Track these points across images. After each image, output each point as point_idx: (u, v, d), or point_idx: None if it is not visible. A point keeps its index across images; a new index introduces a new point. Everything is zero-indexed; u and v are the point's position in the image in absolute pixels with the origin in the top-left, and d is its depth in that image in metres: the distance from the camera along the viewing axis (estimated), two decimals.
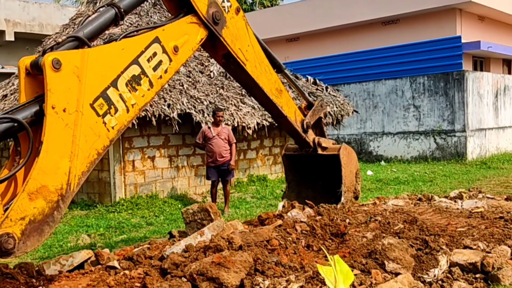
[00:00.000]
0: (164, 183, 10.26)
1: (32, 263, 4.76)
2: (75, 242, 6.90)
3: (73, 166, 3.20)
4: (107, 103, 3.40)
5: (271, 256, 4.50)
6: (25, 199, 2.96)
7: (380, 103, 17.34)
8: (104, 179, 9.69)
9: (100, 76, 3.37)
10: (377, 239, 4.96)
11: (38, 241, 3.08)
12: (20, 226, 2.95)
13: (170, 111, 9.34)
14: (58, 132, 3.11)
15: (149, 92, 3.69)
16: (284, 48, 23.41)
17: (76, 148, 3.21)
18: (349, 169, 6.15)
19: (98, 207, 9.33)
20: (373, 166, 15.62)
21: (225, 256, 4.04)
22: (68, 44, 3.37)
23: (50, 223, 3.12)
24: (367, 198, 9.42)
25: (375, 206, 7.48)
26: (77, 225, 7.99)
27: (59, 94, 3.12)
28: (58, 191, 3.13)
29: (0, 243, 2.84)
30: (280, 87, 5.28)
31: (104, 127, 3.38)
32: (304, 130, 5.88)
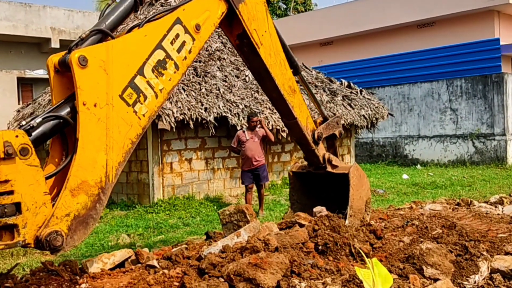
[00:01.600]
0: (200, 185, 10.43)
1: (76, 261, 4.90)
2: (115, 241, 7.09)
3: (110, 158, 3.26)
4: (136, 91, 3.42)
5: (307, 258, 4.52)
6: (68, 196, 3.06)
7: (416, 106, 17.09)
8: (143, 180, 9.93)
9: (126, 66, 3.38)
10: (415, 243, 4.92)
11: (84, 234, 3.19)
12: (66, 222, 3.06)
13: (206, 115, 9.50)
14: (91, 127, 3.17)
15: (176, 74, 3.68)
16: (318, 52, 23.37)
17: (110, 140, 3.26)
18: (358, 193, 5.50)
19: (137, 208, 9.57)
20: (408, 170, 15.41)
21: (262, 257, 4.08)
22: (92, 38, 3.38)
23: (93, 215, 3.22)
24: (403, 202, 9.33)
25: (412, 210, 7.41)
26: (117, 225, 8.21)
27: (88, 90, 3.16)
28: (98, 184, 3.21)
29: (49, 241, 2.95)
30: (294, 87, 5.04)
31: (136, 116, 3.42)
32: (315, 141, 5.40)
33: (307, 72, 13.62)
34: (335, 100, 12.62)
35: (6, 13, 20.33)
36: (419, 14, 19.70)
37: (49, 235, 2.96)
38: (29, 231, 2.91)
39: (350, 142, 13.89)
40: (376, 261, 3.17)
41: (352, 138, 13.99)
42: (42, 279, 4.45)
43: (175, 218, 8.68)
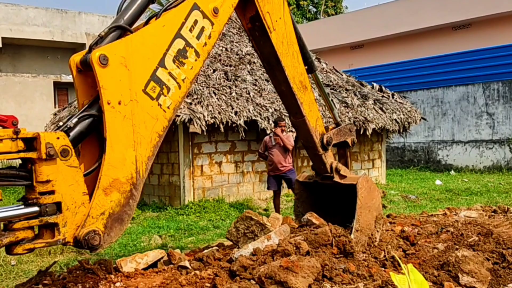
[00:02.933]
0: (230, 188, 10.48)
1: (110, 260, 4.99)
2: (147, 242, 7.20)
3: (139, 154, 3.29)
4: (159, 84, 3.38)
5: (339, 262, 4.49)
6: (101, 195, 3.10)
7: (450, 110, 16.75)
8: (174, 183, 10.05)
9: (147, 59, 3.34)
10: (450, 251, 4.82)
11: (120, 230, 3.24)
12: (102, 221, 3.12)
13: (237, 118, 9.56)
14: (118, 125, 3.16)
15: (197, 62, 3.62)
16: (349, 55, 23.21)
17: (137, 136, 3.27)
18: (367, 206, 5.00)
19: (168, 209, 9.69)
20: (441, 176, 15.12)
21: (293, 260, 4.08)
22: (111, 35, 3.34)
23: (127, 211, 3.27)
24: (436, 208, 9.16)
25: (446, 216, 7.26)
26: (149, 226, 8.33)
27: (111, 89, 3.14)
28: (129, 180, 3.25)
29: (87, 240, 3.02)
30: (306, 83, 4.74)
31: (160, 109, 3.39)
32: (323, 146, 5.02)
33: (337, 75, 13.54)
34: (366, 104, 12.50)
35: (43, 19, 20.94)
36: (454, 15, 19.35)
37: (87, 234, 3.02)
38: (69, 230, 2.99)
39: (381, 147, 13.73)
40: (411, 267, 3.13)
41: (383, 143, 13.83)
42: (78, 277, 4.56)
43: (205, 220, 8.75)
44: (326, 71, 13.44)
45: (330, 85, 12.62)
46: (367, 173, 13.28)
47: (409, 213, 8.39)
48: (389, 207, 9.84)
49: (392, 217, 7.27)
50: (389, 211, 8.96)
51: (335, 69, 13.91)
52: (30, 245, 2.91)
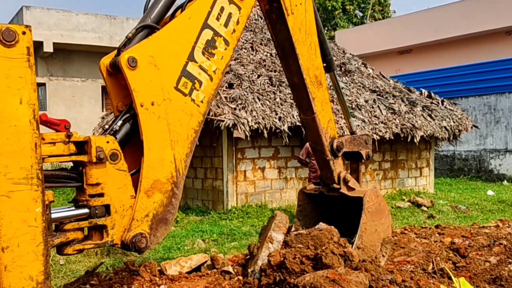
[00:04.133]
0: (273, 194, 10.46)
1: (155, 263, 5.08)
2: (191, 245, 7.27)
3: (177, 152, 3.26)
4: (190, 79, 3.32)
5: (386, 273, 4.39)
6: (144, 198, 3.12)
7: (503, 118, 16.10)
8: (217, 187, 10.13)
9: (176, 55, 3.26)
10: (502, 264, 4.62)
11: (165, 230, 3.26)
12: (147, 223, 3.15)
13: (280, 124, 9.54)
14: (153, 126, 3.15)
15: (227, 51, 3.51)
16: (396, 60, 22.78)
17: (174, 134, 3.24)
18: (373, 224, 4.55)
19: (211, 214, 9.77)
20: (494, 186, 14.54)
21: (340, 273, 3.99)
22: (139, 35, 3.30)
23: (171, 211, 3.27)
24: (488, 220, 8.82)
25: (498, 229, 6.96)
26: (192, 230, 8.42)
27: (143, 91, 3.11)
28: (170, 180, 3.24)
29: (135, 243, 3.08)
30: (321, 79, 4.44)
31: (194, 104, 3.34)
32: (333, 151, 4.61)
33: (384, 81, 13.30)
34: (414, 111, 12.21)
35: (93, 25, 21.61)
36: (508, 20, 18.63)
37: (134, 237, 3.07)
38: (117, 232, 3.06)
39: (430, 155, 13.36)
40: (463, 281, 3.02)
41: (432, 151, 13.45)
42: (124, 278, 4.66)
43: (248, 226, 8.76)
44: (373, 76, 13.23)
45: (376, 91, 12.41)
46: (414, 181, 12.95)
47: (459, 224, 8.12)
48: (437, 217, 9.57)
49: (441, 227, 7.06)
50: (438, 222, 8.68)
51: (382, 75, 13.67)
52: (79, 246, 3.00)
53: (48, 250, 2.61)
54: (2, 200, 2.43)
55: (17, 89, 2.47)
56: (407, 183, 12.74)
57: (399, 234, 6.59)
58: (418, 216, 9.79)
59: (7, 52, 2.44)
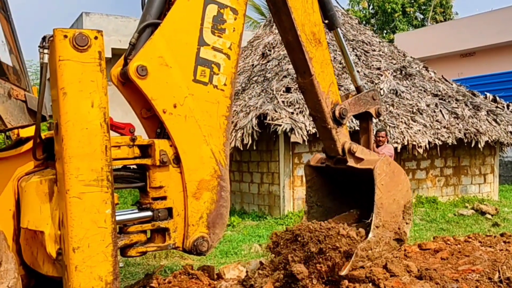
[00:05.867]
0: None
1: (213, 266, 5.13)
2: (248, 250, 7.31)
3: (213, 146, 3.14)
4: (207, 66, 3.10)
5: (451, 282, 4.26)
6: (193, 202, 3.06)
7: None
8: (274, 192, 10.14)
9: (185, 45, 3.04)
10: None
11: (223, 224, 3.22)
12: (203, 224, 3.11)
13: None
14: (182, 128, 3.01)
15: (237, 20, 3.23)
16: (458, 63, 21.97)
17: (205, 129, 3.10)
18: (390, 195, 4.08)
19: (267, 219, 9.78)
20: None
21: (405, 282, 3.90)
22: (143, 37, 3.05)
23: (223, 204, 3.21)
24: None
25: None
26: (249, 235, 8.46)
27: (161, 97, 2.95)
28: (214, 175, 3.15)
29: (197, 247, 3.08)
30: (320, 37, 3.91)
31: (218, 90, 3.15)
32: (335, 119, 4.03)
33: (447, 84, 12.87)
34: (478, 115, 11.72)
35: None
36: None
37: (195, 241, 3.07)
38: (179, 235, 3.06)
39: (494, 161, 12.77)
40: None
41: (497, 157, 12.85)
42: (183, 281, 4.72)
43: None
44: (435, 80, 12.83)
45: (438, 95, 12.02)
46: (477, 188, 12.42)
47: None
48: (502, 225, 9.13)
49: (507, 236, 6.78)
50: (503, 230, 8.29)
51: (444, 78, 13.23)
52: (142, 248, 3.02)
53: (117, 251, 2.66)
54: (73, 202, 2.49)
55: (89, 93, 2.52)
56: (470, 190, 12.24)
57: (463, 243, 6.37)
58: (482, 224, 9.39)
59: (80, 57, 2.49)
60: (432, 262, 5.34)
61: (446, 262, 5.30)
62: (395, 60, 12.66)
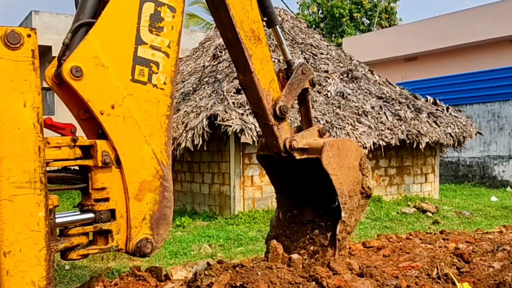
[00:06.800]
0: None
1: (161, 267, 5.08)
2: (197, 250, 7.32)
3: (154, 146, 3.10)
4: (145, 65, 3.04)
5: (391, 279, 4.43)
6: (135, 203, 3.02)
7: (507, 125, 16.15)
8: (224, 192, 10.20)
9: (122, 44, 2.97)
10: (506, 270, 4.65)
11: (167, 225, 3.17)
12: (146, 225, 3.06)
13: None
14: (121, 129, 2.96)
15: (176, 18, 3.19)
16: (402, 67, 22.82)
17: (146, 129, 3.06)
18: (345, 168, 4.14)
19: (218, 219, 9.82)
20: (497, 192, 14.54)
21: (346, 280, 4.03)
22: (77, 37, 2.96)
23: (167, 204, 3.16)
24: (491, 225, 8.84)
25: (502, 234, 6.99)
26: (199, 235, 8.46)
27: (98, 97, 2.88)
28: (156, 176, 3.10)
29: (140, 249, 3.04)
30: (259, 34, 3.92)
31: (158, 89, 3.10)
32: (276, 116, 4.05)
33: (390, 88, 13.36)
34: (419, 117, 12.25)
35: None
36: None
37: (138, 243, 3.03)
38: (122, 237, 3.00)
39: (435, 161, 13.38)
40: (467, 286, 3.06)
41: (437, 157, 13.47)
42: (129, 283, 4.64)
43: (255, 231, 8.81)
44: (379, 83, 13.29)
45: (383, 98, 12.46)
46: (419, 187, 12.96)
47: (463, 230, 8.13)
48: (442, 223, 9.60)
49: (446, 233, 7.08)
50: (443, 227, 8.72)
51: (388, 82, 13.73)
52: (84, 251, 2.95)
53: (51, 255, 2.58)
54: (4, 204, 2.40)
55: (21, 92, 2.44)
56: (412, 189, 12.77)
57: (405, 240, 6.63)
58: (423, 222, 9.82)
59: (11, 55, 2.40)
60: (374, 259, 5.52)
61: (388, 259, 5.48)
62: (342, 64, 13.00)
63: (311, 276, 4.04)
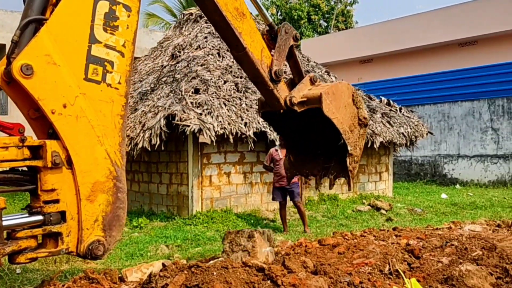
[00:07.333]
0: (238, 199, 10.55)
1: (116, 270, 5.00)
2: (154, 251, 7.25)
3: (108, 146, 3.04)
4: (99, 64, 2.99)
5: (344, 275, 4.53)
6: (87, 205, 2.95)
7: (456, 125, 16.81)
8: (182, 192, 10.14)
9: (75, 42, 2.91)
10: (454, 264, 4.84)
11: (120, 226, 3.12)
12: (99, 227, 3.00)
13: (246, 129, 9.64)
14: (73, 129, 2.89)
15: (131, 18, 3.14)
16: (358, 69, 23.32)
17: (99, 129, 3.00)
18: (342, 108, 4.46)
19: (176, 219, 9.74)
20: (447, 189, 15.10)
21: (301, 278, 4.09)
22: (26, 34, 2.89)
23: (120, 205, 3.10)
24: (441, 222, 9.16)
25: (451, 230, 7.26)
26: (156, 236, 8.38)
27: (49, 96, 2.81)
28: (110, 176, 3.05)
29: (92, 251, 2.97)
30: (243, 10, 4.06)
31: (112, 89, 3.05)
32: (273, 79, 4.32)
33: None
34: (374, 118, 12.56)
35: None
36: (461, 32, 19.49)
37: (90, 245, 2.96)
38: (73, 239, 2.93)
39: (388, 160, 13.75)
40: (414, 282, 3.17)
41: (391, 156, 13.85)
42: (83, 286, 4.55)
43: (213, 231, 8.81)
44: None
45: None
46: (374, 186, 13.29)
47: (414, 226, 8.39)
48: (395, 220, 9.87)
49: (398, 230, 7.29)
50: (395, 224, 8.98)
51: None
52: (32, 255, 2.86)
53: None
54: None
55: None
56: (367, 187, 13.07)
57: (359, 237, 6.79)
58: (377, 219, 10.07)
59: None
60: (330, 256, 5.62)
61: (342, 256, 5.60)
62: None
63: (266, 275, 4.10)
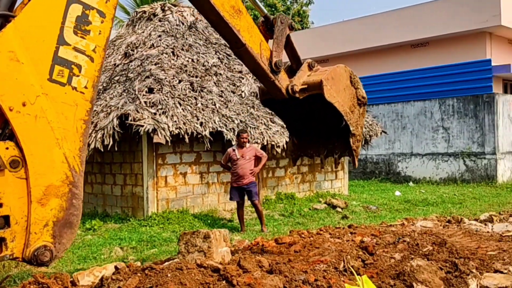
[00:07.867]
0: (194, 199, 10.46)
1: (67, 274, 4.87)
2: (108, 254, 7.09)
3: (67, 150, 2.97)
4: (66, 66, 2.94)
5: (299, 274, 4.57)
6: (38, 208, 2.86)
7: (409, 124, 17.32)
8: (137, 193, 9.96)
9: (42, 42, 2.87)
10: (405, 260, 4.98)
11: (72, 234, 3.02)
12: (48, 233, 2.90)
13: (202, 129, 9.58)
14: (30, 129, 2.82)
15: (104, 24, 3.12)
16: None
17: (59, 131, 2.93)
18: (341, 91, 4.64)
19: (131, 221, 9.56)
20: (401, 187, 15.54)
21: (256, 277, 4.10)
22: None
23: (74, 212, 3.01)
24: (395, 218, 9.40)
25: (403, 227, 7.48)
26: (110, 238, 8.20)
27: (9, 93, 2.74)
28: (66, 181, 2.97)
29: (37, 257, 2.86)
30: (239, 7, 4.12)
31: (77, 92, 2.99)
32: (273, 71, 4.44)
33: None
34: None
35: None
36: (413, 34, 20.07)
37: (36, 251, 2.85)
38: (18, 245, 2.82)
39: (344, 159, 13.99)
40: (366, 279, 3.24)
41: None
42: None
43: (169, 232, 8.70)
44: None
45: None
46: (330, 184, 13.49)
47: (369, 224, 8.59)
48: (350, 218, 10.04)
49: (353, 227, 7.43)
50: (351, 222, 9.13)
51: None
52: None
53: None
54: None
55: None
56: (323, 186, 13.26)
57: (315, 235, 6.88)
58: (333, 217, 10.21)
59: None
60: (286, 255, 5.68)
61: (298, 255, 5.66)
62: None
63: (222, 276, 4.08)
